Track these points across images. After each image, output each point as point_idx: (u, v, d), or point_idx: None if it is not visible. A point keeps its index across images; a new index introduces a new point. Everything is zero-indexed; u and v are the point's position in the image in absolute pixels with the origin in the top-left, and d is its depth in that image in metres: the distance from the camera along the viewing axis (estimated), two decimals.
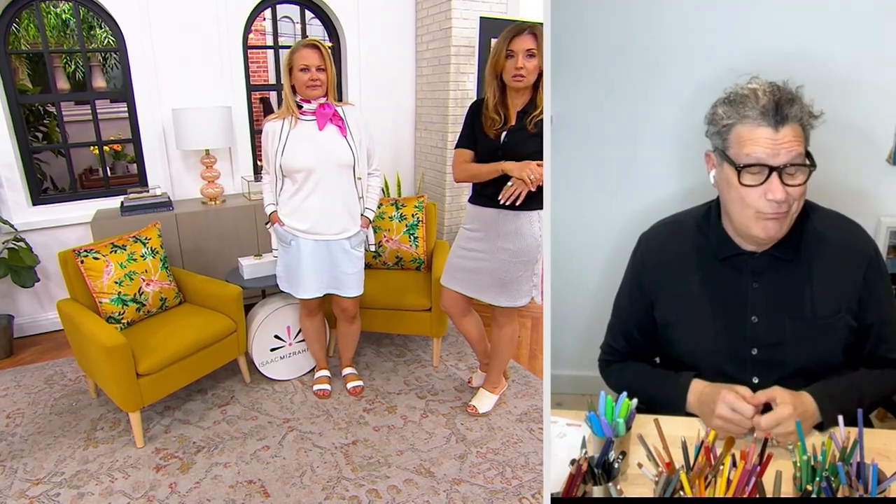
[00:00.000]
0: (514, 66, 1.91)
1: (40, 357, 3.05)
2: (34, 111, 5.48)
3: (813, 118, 1.10)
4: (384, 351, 3.05)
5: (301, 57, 2.11)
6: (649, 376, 1.34)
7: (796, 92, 1.08)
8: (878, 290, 1.18)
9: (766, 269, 1.18)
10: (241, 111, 3.51)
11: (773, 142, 1.05)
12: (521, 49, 1.89)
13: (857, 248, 1.19)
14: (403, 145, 4.12)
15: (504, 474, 2.09)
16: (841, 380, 1.17)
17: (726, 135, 1.11)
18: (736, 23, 1.42)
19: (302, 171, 2.18)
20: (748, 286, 1.20)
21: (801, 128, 1.07)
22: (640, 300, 1.34)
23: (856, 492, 0.92)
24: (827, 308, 1.17)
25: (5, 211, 3.08)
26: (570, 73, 1.55)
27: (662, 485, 0.95)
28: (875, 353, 1.20)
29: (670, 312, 1.29)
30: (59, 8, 6.21)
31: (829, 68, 1.38)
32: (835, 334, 1.17)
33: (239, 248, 3.23)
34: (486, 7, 3.47)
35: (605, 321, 1.44)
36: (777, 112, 1.05)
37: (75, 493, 1.98)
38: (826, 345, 1.18)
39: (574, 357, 1.56)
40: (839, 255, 1.18)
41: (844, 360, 1.19)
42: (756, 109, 1.06)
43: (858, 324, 1.18)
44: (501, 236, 2.09)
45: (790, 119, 1.06)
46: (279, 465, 2.12)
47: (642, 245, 1.34)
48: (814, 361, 1.18)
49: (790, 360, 1.18)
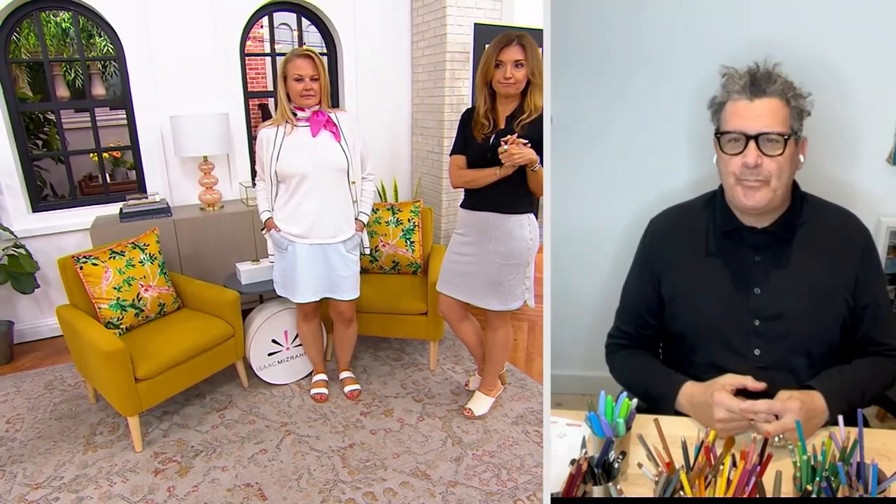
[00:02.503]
0: (502, 76, 1.96)
1: (40, 363, 3.06)
2: (34, 119, 5.51)
3: (799, 97, 1.17)
4: (381, 355, 3.07)
5: (295, 67, 2.14)
6: (650, 368, 1.36)
7: (773, 69, 1.18)
8: (873, 271, 1.25)
9: (768, 244, 1.25)
10: (238, 118, 3.54)
11: (749, 112, 1.16)
12: (510, 60, 1.94)
13: (853, 229, 1.26)
14: (400, 150, 4.14)
15: (500, 476, 2.10)
16: (843, 377, 1.20)
17: (719, 113, 1.22)
18: (736, 23, 1.43)
19: (296, 176, 2.21)
20: (751, 260, 1.26)
21: (783, 103, 1.16)
22: (649, 279, 1.37)
23: (856, 492, 0.92)
24: (826, 282, 1.23)
25: (5, 218, 3.11)
26: (571, 71, 1.56)
27: (662, 485, 0.95)
28: (868, 335, 1.25)
29: (677, 287, 1.34)
30: (58, 17, 6.25)
31: (829, 68, 1.39)
32: (833, 309, 1.23)
33: (237, 253, 3.25)
34: (480, 14, 3.51)
35: (605, 321, 1.45)
36: (753, 85, 1.17)
37: (74, 498, 1.99)
38: (825, 319, 1.23)
39: (574, 357, 1.57)
40: (837, 236, 1.25)
41: (842, 341, 1.24)
42: (738, 84, 1.18)
43: (855, 302, 1.23)
44: (492, 239, 2.11)
45: (768, 93, 1.16)
46: (276, 469, 2.14)
47: (651, 226, 1.39)
48: (814, 336, 1.23)
49: (791, 333, 1.23)
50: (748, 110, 1.16)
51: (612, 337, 1.46)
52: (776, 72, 1.18)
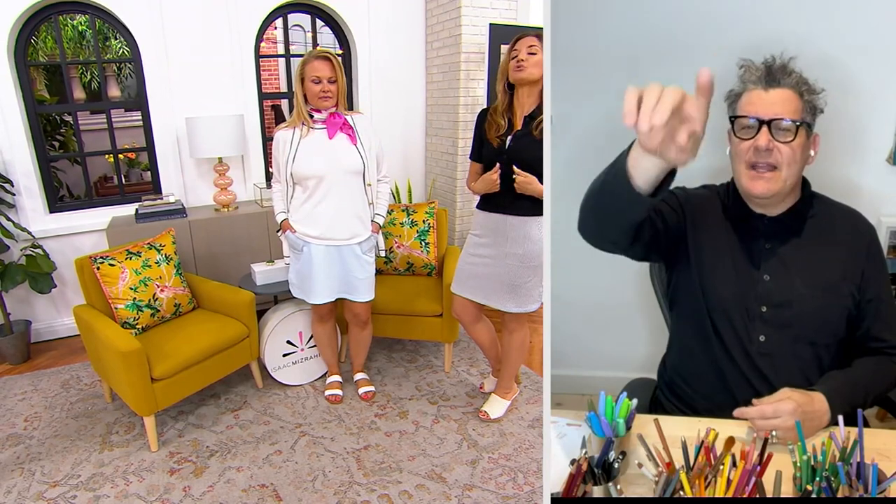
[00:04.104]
0: (516, 62, 1.97)
1: (57, 362, 3.09)
2: (51, 121, 5.57)
3: (813, 93, 1.20)
4: (396, 356, 3.06)
5: (313, 69, 2.14)
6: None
7: (788, 62, 1.21)
8: (879, 267, 1.28)
9: (778, 232, 1.27)
10: (253, 119, 3.55)
11: (763, 100, 1.20)
12: (524, 46, 1.97)
13: (860, 225, 1.29)
14: (414, 151, 4.14)
15: (516, 480, 2.08)
16: (845, 378, 1.21)
17: (735, 104, 1.24)
18: (747, 19, 1.42)
19: (313, 178, 2.21)
20: (762, 246, 1.28)
21: (796, 95, 1.19)
22: (671, 206, 1.31)
23: (856, 492, 0.92)
24: (833, 273, 1.25)
25: (23, 218, 3.14)
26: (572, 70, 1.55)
27: (662, 485, 0.94)
28: (870, 331, 1.26)
29: (698, 249, 1.32)
30: (76, 20, 6.33)
31: (829, 68, 1.38)
32: (839, 300, 1.25)
33: (251, 254, 3.26)
34: (495, 14, 3.49)
35: (606, 321, 1.43)
36: (769, 75, 1.20)
37: (91, 496, 2.00)
38: (831, 310, 1.25)
39: (574, 357, 1.56)
40: (845, 230, 1.28)
41: (847, 333, 1.25)
42: (754, 75, 1.22)
43: (860, 296, 1.25)
44: (510, 241, 2.10)
45: (782, 84, 1.19)
46: (291, 470, 2.13)
47: (679, 189, 1.37)
48: (820, 326, 1.25)
49: (796, 322, 1.25)
50: (762, 99, 1.20)
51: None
52: (791, 65, 1.21)
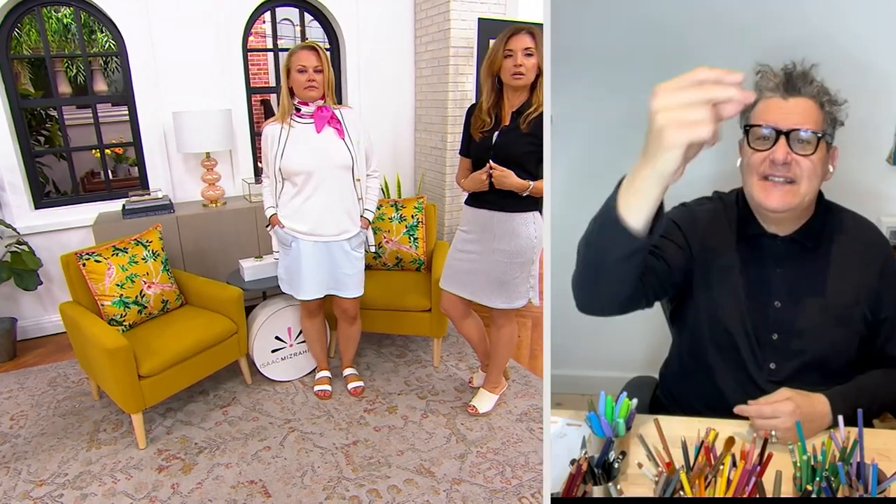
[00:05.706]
0: (512, 65, 1.91)
1: (43, 359, 3.06)
2: (36, 115, 5.50)
3: (834, 104, 1.13)
4: (385, 351, 3.06)
5: (298, 58, 2.13)
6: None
7: (810, 69, 1.14)
8: (891, 284, 1.22)
9: (791, 255, 1.20)
10: (241, 114, 3.52)
11: (781, 109, 1.11)
12: (520, 48, 1.90)
13: (875, 242, 1.23)
14: (403, 146, 4.13)
15: (504, 474, 2.09)
16: (852, 383, 1.18)
17: (748, 112, 1.16)
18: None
19: (301, 173, 2.20)
20: (773, 271, 1.22)
21: (816, 105, 1.12)
22: (676, 243, 1.23)
23: (856, 492, 0.91)
24: (846, 297, 1.19)
25: (8, 214, 3.10)
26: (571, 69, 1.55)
27: (662, 485, 0.94)
28: (885, 348, 1.22)
29: (704, 275, 1.25)
30: (60, 12, 6.24)
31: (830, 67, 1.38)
32: (852, 325, 1.20)
33: (240, 249, 3.24)
34: (484, 8, 3.48)
35: (606, 321, 1.43)
36: (788, 83, 1.12)
37: (78, 495, 1.99)
38: (843, 336, 1.20)
39: (574, 357, 1.56)
40: (859, 247, 1.22)
41: (859, 355, 1.21)
42: (772, 82, 1.14)
43: (873, 317, 1.20)
44: (497, 237, 2.10)
45: (802, 93, 1.11)
46: (280, 466, 2.14)
47: (680, 207, 1.30)
48: (830, 352, 1.20)
49: (808, 349, 1.20)
50: (780, 108, 1.12)
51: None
52: (812, 73, 1.14)
